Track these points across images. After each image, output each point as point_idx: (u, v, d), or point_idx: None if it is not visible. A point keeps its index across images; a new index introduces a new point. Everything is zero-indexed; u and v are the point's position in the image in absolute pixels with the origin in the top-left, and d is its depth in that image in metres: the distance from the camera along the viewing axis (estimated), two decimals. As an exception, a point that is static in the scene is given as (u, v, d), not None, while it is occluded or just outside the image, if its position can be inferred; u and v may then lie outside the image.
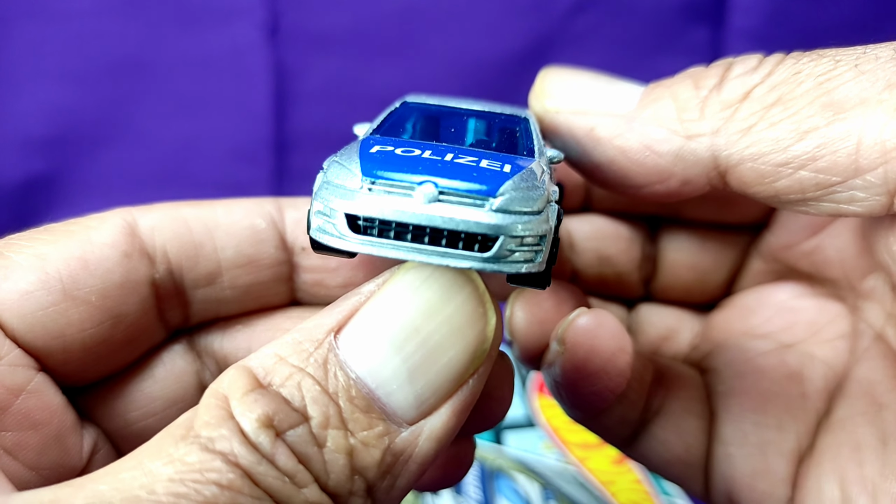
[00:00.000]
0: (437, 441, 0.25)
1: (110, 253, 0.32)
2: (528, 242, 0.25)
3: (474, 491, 0.66)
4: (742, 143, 0.31)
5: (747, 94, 0.31)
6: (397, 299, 0.25)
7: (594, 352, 0.35)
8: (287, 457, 0.23)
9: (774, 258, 0.43)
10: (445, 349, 0.25)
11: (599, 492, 0.67)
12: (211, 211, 0.35)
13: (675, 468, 0.39)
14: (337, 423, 0.24)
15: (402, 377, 0.25)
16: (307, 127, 0.93)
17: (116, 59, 0.89)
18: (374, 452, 0.24)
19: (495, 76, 0.91)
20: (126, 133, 0.91)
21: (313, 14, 0.89)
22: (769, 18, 0.90)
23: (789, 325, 0.41)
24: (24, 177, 0.90)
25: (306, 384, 0.24)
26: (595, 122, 0.35)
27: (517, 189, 0.26)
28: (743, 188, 0.32)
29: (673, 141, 0.33)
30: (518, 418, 0.75)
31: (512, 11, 0.90)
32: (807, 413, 0.38)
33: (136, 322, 0.33)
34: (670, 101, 0.33)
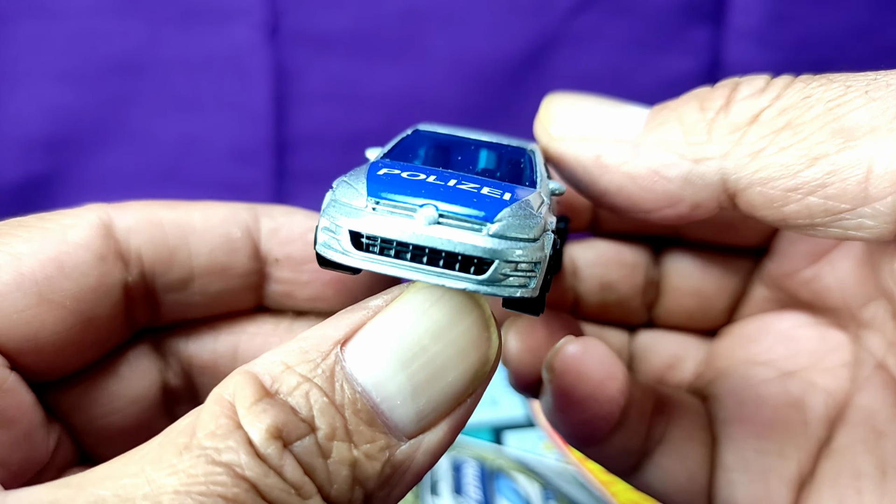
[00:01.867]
0: (432, 455, 0.26)
1: (85, 255, 0.32)
2: (523, 268, 0.26)
3: (474, 491, 0.66)
4: (751, 167, 0.31)
5: (755, 117, 0.31)
6: (406, 317, 0.26)
7: (581, 379, 0.36)
8: (294, 468, 0.23)
9: (777, 285, 0.43)
10: (449, 370, 0.26)
11: (599, 492, 0.67)
12: (187, 215, 0.36)
13: (678, 497, 0.39)
14: (342, 435, 0.24)
15: (406, 393, 0.25)
16: (307, 127, 0.93)
17: (116, 59, 0.89)
18: (376, 465, 0.24)
19: (496, 77, 0.91)
20: (125, 133, 0.91)
21: (313, 14, 0.89)
22: (769, 18, 0.90)
23: (791, 353, 0.42)
24: (23, 177, 0.90)
25: (314, 395, 0.24)
26: (601, 148, 0.35)
27: (514, 216, 0.27)
28: (751, 211, 0.32)
29: (681, 165, 0.32)
30: (518, 418, 0.75)
31: (513, 12, 0.90)
32: (808, 440, 0.38)
33: (106, 324, 0.34)
34: (676, 125, 0.33)
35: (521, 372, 0.39)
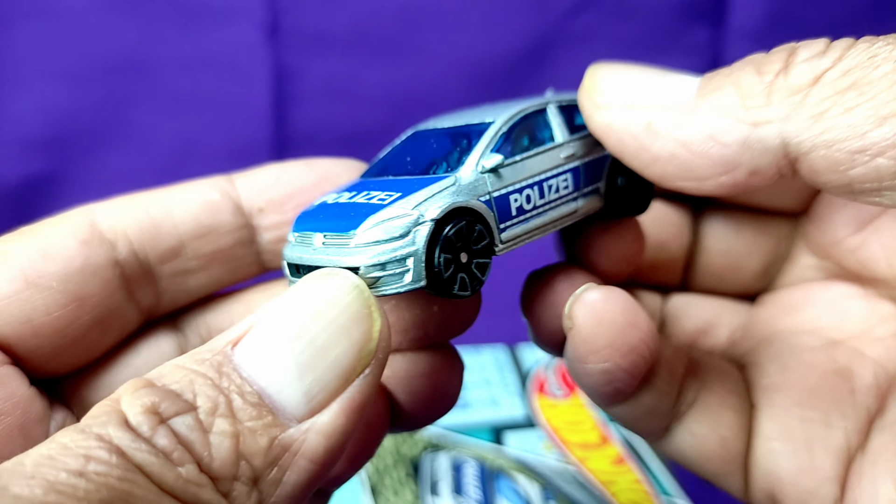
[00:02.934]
0: (325, 437, 0.26)
1: (69, 242, 0.34)
2: (392, 266, 0.30)
3: (474, 491, 0.66)
4: (815, 129, 0.29)
5: (818, 78, 0.30)
6: (288, 305, 0.28)
7: (602, 326, 0.35)
8: (166, 438, 0.24)
9: (823, 253, 0.43)
10: (333, 347, 0.27)
11: (599, 492, 0.67)
12: (166, 193, 0.37)
13: (711, 464, 0.38)
14: (225, 411, 0.25)
15: (292, 373, 0.26)
16: (307, 126, 0.93)
17: (116, 59, 0.89)
18: (262, 440, 0.25)
19: (495, 76, 0.91)
20: (125, 132, 0.91)
21: (313, 14, 0.89)
22: (769, 18, 0.90)
23: (838, 322, 0.41)
24: (22, 176, 0.90)
25: (199, 381, 0.26)
26: (652, 115, 0.33)
27: (378, 222, 0.31)
28: (813, 177, 0.31)
29: (739, 129, 0.31)
30: (518, 418, 0.75)
31: (512, 11, 0.90)
32: (856, 410, 0.37)
33: (103, 303, 0.34)
34: (732, 89, 0.32)
35: (539, 325, 0.38)
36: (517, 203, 0.34)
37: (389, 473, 0.68)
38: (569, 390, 0.79)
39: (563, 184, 0.36)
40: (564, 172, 0.36)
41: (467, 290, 0.32)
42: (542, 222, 0.35)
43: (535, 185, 0.35)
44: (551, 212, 0.35)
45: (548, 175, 0.35)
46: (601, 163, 0.37)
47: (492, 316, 0.98)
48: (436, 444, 0.72)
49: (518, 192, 0.34)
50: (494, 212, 0.33)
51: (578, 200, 0.37)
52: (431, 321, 0.35)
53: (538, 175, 0.35)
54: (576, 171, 0.36)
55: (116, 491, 0.22)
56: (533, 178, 0.35)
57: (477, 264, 0.33)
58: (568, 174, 0.36)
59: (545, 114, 0.37)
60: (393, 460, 0.70)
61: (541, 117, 0.37)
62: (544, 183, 0.35)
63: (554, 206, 0.36)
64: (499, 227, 0.34)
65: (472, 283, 0.32)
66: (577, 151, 0.37)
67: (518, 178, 0.34)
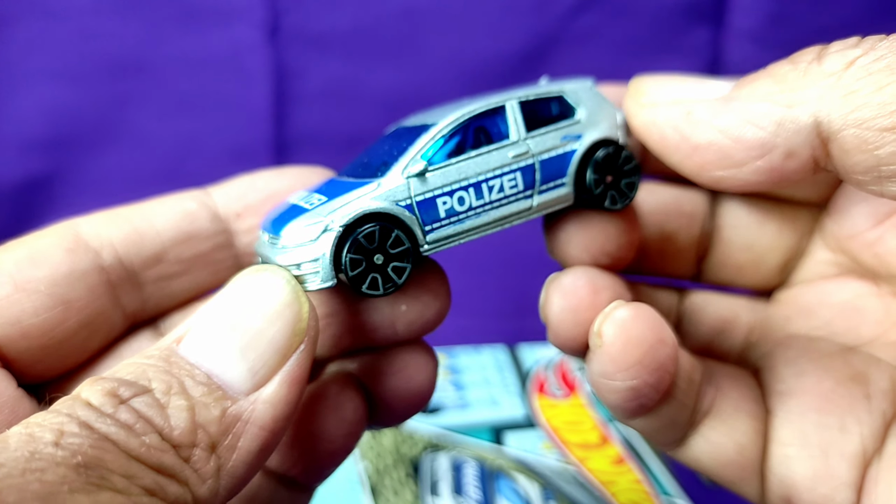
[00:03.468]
0: (272, 405, 0.30)
1: (55, 250, 0.35)
2: (306, 267, 0.34)
3: (474, 491, 0.66)
4: (846, 106, 0.30)
5: (851, 62, 0.31)
6: (223, 299, 0.31)
7: (631, 344, 0.35)
8: (128, 413, 0.27)
9: (839, 247, 0.43)
10: (268, 327, 0.30)
11: (599, 492, 0.67)
12: (146, 205, 0.39)
13: (727, 471, 0.38)
14: (178, 390, 0.28)
15: (235, 355, 0.30)
16: (307, 127, 0.93)
17: (116, 59, 0.89)
18: (214, 410, 0.28)
19: (495, 76, 0.91)
20: (125, 133, 0.91)
21: (313, 14, 0.89)
22: (769, 19, 0.90)
23: (853, 325, 0.41)
24: (23, 177, 0.90)
25: (151, 370, 0.29)
26: (692, 107, 0.35)
27: (296, 227, 0.34)
28: (844, 158, 0.31)
29: (774, 112, 0.32)
30: (518, 418, 0.76)
31: (512, 12, 0.90)
32: (872, 415, 0.37)
33: (89, 306, 0.36)
34: (768, 79, 0.33)
35: (562, 332, 0.38)
36: (447, 206, 0.35)
37: (389, 473, 0.69)
38: (569, 390, 0.79)
39: (509, 183, 0.37)
40: (512, 171, 0.37)
41: (378, 290, 0.34)
42: (481, 222, 0.36)
43: (471, 186, 0.36)
44: (494, 211, 0.36)
45: (488, 176, 0.36)
46: (564, 159, 0.38)
47: (492, 316, 0.98)
48: (436, 445, 0.72)
49: (448, 195, 0.35)
50: (417, 215, 0.35)
51: (534, 198, 0.37)
52: (400, 320, 0.36)
53: (475, 177, 0.36)
54: (528, 169, 0.37)
55: (89, 457, 0.25)
56: (467, 180, 0.36)
57: (394, 267, 0.35)
58: (516, 173, 0.37)
59: (503, 112, 0.38)
60: (393, 460, 0.70)
61: (498, 116, 0.37)
62: (484, 184, 0.36)
63: (497, 205, 0.36)
64: (424, 230, 0.35)
65: (385, 283, 0.34)
66: (534, 148, 0.37)
67: (448, 182, 0.35)
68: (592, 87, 0.40)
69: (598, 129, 0.38)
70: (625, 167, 0.38)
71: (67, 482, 0.24)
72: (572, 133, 0.38)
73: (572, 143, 0.38)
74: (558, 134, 0.38)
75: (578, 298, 0.37)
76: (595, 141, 0.38)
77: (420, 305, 0.37)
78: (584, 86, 0.39)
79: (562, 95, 0.39)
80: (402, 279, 0.35)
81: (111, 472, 0.25)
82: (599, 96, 0.39)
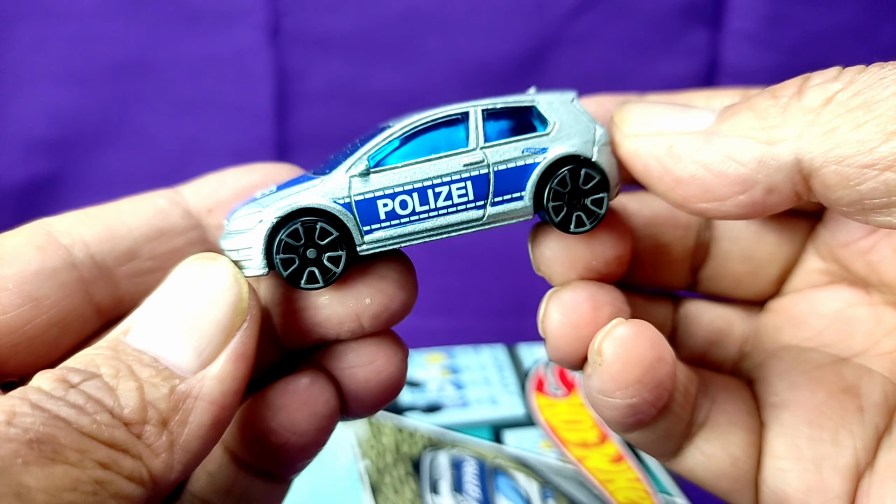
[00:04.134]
0: (219, 381, 0.31)
1: (24, 248, 0.36)
2: (243, 253, 0.35)
3: (473, 489, 0.67)
4: (826, 144, 0.31)
5: (829, 98, 0.31)
6: (168, 285, 0.33)
7: (632, 362, 0.35)
8: (78, 396, 0.28)
9: (831, 256, 0.43)
10: (210, 309, 0.32)
11: (598, 490, 0.67)
12: (116, 204, 0.40)
13: (721, 483, 0.39)
14: (127, 373, 0.30)
15: (180, 336, 0.31)
16: (308, 128, 0.93)
17: (119, 61, 0.89)
18: (163, 388, 0.30)
19: (494, 78, 0.92)
20: (128, 134, 0.91)
21: (314, 16, 0.90)
22: (767, 21, 0.90)
23: (845, 336, 0.41)
24: (27, 177, 0.90)
25: (98, 358, 0.30)
26: (674, 140, 0.35)
27: (239, 215, 0.36)
28: (826, 193, 0.32)
29: (755, 148, 0.32)
30: (517, 417, 0.76)
31: (512, 14, 0.90)
32: (865, 428, 0.37)
33: (60, 303, 0.36)
34: (749, 113, 0.33)
35: (561, 347, 0.38)
36: (387, 207, 0.36)
37: (389, 472, 0.69)
38: (567, 389, 0.79)
39: (458, 191, 0.36)
40: (462, 180, 0.36)
41: (318, 283, 0.35)
42: (424, 227, 0.36)
43: (415, 191, 0.36)
44: (439, 218, 0.36)
45: (435, 182, 0.36)
46: (524, 171, 0.37)
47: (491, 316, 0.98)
48: (436, 443, 0.72)
49: (389, 198, 0.36)
50: (355, 214, 0.35)
51: (486, 209, 0.36)
52: (365, 313, 0.37)
53: (421, 182, 0.36)
54: (481, 179, 0.36)
55: (41, 433, 0.26)
56: (412, 184, 0.36)
57: (329, 257, 0.35)
58: (467, 182, 0.36)
59: (466, 118, 0.37)
60: (393, 459, 0.70)
61: (461, 122, 0.37)
62: (430, 190, 0.36)
63: (443, 212, 0.36)
64: (361, 230, 0.35)
65: (324, 275, 0.35)
66: (490, 158, 0.36)
67: (391, 184, 0.35)
68: (573, 101, 0.38)
69: (566, 144, 0.37)
70: (588, 184, 0.37)
71: (21, 456, 0.25)
72: (536, 146, 0.37)
73: (535, 156, 0.37)
74: (521, 145, 0.37)
75: (579, 314, 0.37)
76: (560, 156, 0.37)
77: (385, 298, 0.37)
78: (563, 98, 0.38)
79: (534, 106, 0.38)
80: (339, 267, 0.35)
81: (64, 447, 0.26)
82: (577, 110, 0.38)
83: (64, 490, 0.25)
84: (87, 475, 0.26)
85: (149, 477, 0.28)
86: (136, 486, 0.28)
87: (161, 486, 0.29)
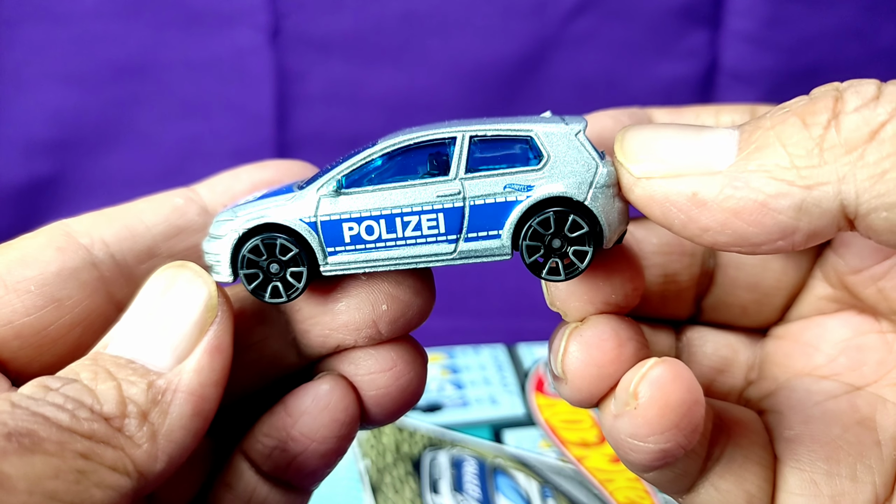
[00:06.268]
0: (196, 373, 0.32)
1: (45, 249, 0.36)
2: (211, 259, 0.36)
3: (473, 489, 0.67)
4: (875, 190, 0.28)
5: (874, 133, 0.28)
6: (140, 296, 0.34)
7: (669, 407, 0.33)
8: (57, 396, 0.29)
9: (840, 282, 0.41)
10: (181, 308, 0.33)
11: (598, 489, 0.67)
12: (133, 204, 0.40)
13: None
14: (105, 375, 0.31)
15: (154, 336, 0.32)
16: (309, 130, 0.93)
17: (120, 62, 0.89)
18: (140, 384, 0.31)
19: (494, 79, 0.92)
20: (129, 135, 0.92)
21: (315, 18, 0.90)
22: (766, 22, 0.91)
23: (857, 364, 0.40)
24: (28, 179, 0.90)
25: (77, 367, 0.31)
26: (696, 184, 0.31)
27: (218, 219, 0.36)
28: (872, 236, 0.29)
29: (792, 194, 0.29)
30: (517, 417, 0.76)
31: (511, 15, 0.90)
32: (883, 463, 0.36)
33: (82, 303, 0.36)
34: (779, 147, 0.29)
35: (585, 388, 0.36)
36: (353, 231, 0.35)
37: (390, 471, 0.69)
38: (567, 389, 0.79)
39: (428, 223, 0.34)
40: (434, 211, 0.34)
41: (281, 297, 0.35)
42: (391, 256, 0.35)
43: (383, 218, 0.35)
44: (407, 248, 0.35)
45: (405, 211, 0.34)
46: (503, 209, 0.34)
47: (491, 316, 0.98)
48: (436, 443, 0.72)
49: (355, 222, 0.35)
50: (319, 235, 0.35)
51: (458, 244, 0.35)
52: (382, 319, 0.36)
53: (390, 209, 0.34)
54: (454, 212, 0.34)
55: (21, 428, 0.27)
56: (380, 210, 0.34)
57: (292, 273, 0.35)
58: (439, 213, 0.34)
59: (451, 145, 0.35)
60: (393, 458, 0.70)
61: (445, 148, 0.35)
62: (398, 218, 0.34)
63: (411, 243, 0.35)
64: (325, 250, 0.35)
65: (287, 290, 0.35)
66: (468, 191, 0.34)
67: (358, 208, 0.35)
68: (578, 133, 0.34)
69: (556, 184, 0.34)
70: (574, 233, 0.34)
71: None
72: (521, 182, 0.34)
73: (517, 194, 0.34)
74: (504, 180, 0.34)
75: (603, 352, 0.35)
76: (546, 197, 0.34)
77: (401, 305, 0.37)
78: (567, 129, 0.34)
79: (530, 137, 0.34)
80: (301, 283, 0.35)
81: (43, 439, 0.27)
82: (579, 144, 0.34)
83: (45, 478, 0.26)
84: (67, 465, 0.27)
85: (133, 467, 0.29)
86: (120, 475, 0.29)
87: (148, 476, 0.30)
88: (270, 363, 0.39)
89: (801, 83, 0.94)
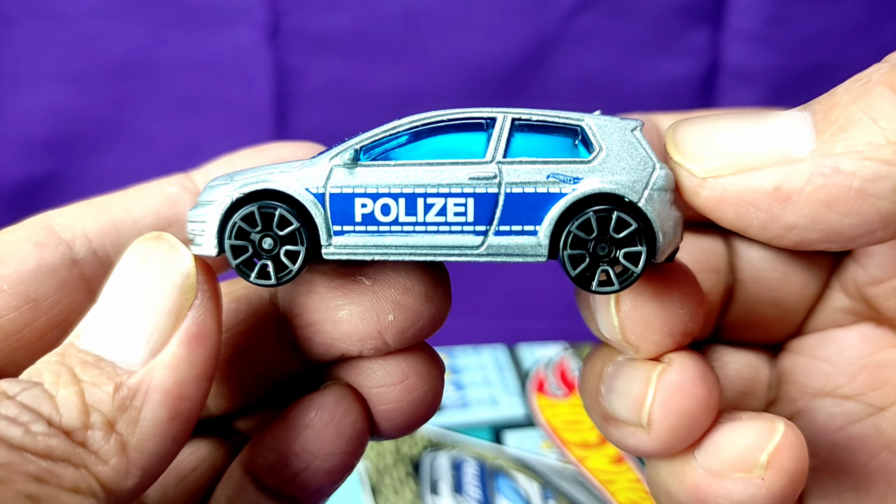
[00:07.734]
0: (172, 368, 0.28)
1: (22, 245, 0.34)
2: (195, 228, 0.31)
3: (474, 490, 0.67)
4: None
5: None
6: (111, 278, 0.30)
7: (796, 479, 0.30)
8: (11, 407, 0.26)
9: (859, 294, 0.39)
10: (152, 291, 0.29)
11: (598, 491, 0.67)
12: (123, 194, 0.38)
13: None
14: (68, 378, 0.27)
15: (124, 327, 0.28)
16: (308, 128, 0.93)
17: (118, 61, 0.89)
18: (106, 388, 0.27)
19: (495, 77, 0.92)
20: (128, 134, 0.91)
21: (314, 15, 0.90)
22: (768, 20, 0.90)
23: (879, 383, 0.38)
24: (26, 177, 0.90)
25: (43, 366, 0.28)
26: (776, 177, 0.27)
27: (208, 186, 0.32)
28: None
29: (893, 175, 0.25)
30: (518, 418, 0.76)
31: (512, 13, 0.90)
32: None
33: (61, 303, 0.34)
34: (868, 123, 0.26)
35: (675, 439, 0.32)
36: (366, 209, 0.30)
37: (389, 473, 0.69)
38: (568, 390, 0.79)
39: (456, 207, 0.30)
40: (464, 195, 0.30)
41: (269, 279, 0.30)
42: (406, 242, 0.30)
43: (403, 196, 0.30)
44: (427, 236, 0.30)
45: (430, 191, 0.30)
46: (544, 200, 0.30)
47: (492, 316, 0.98)
48: (436, 444, 0.72)
49: (370, 198, 0.30)
50: (326, 210, 0.30)
51: (487, 236, 0.30)
52: (388, 330, 0.33)
53: (413, 187, 0.30)
54: (486, 199, 0.30)
55: None
56: (401, 187, 0.30)
57: (287, 252, 0.31)
58: (469, 198, 0.30)
59: (491, 126, 0.31)
60: (393, 460, 0.70)
61: (485, 130, 0.31)
62: (420, 198, 0.30)
63: (432, 230, 0.30)
64: (331, 228, 0.30)
65: (278, 272, 0.30)
66: (506, 177, 0.30)
67: (376, 183, 0.30)
68: (634, 129, 0.31)
69: (609, 179, 0.30)
70: (621, 233, 0.29)
71: None
72: (568, 173, 0.30)
73: (562, 185, 0.30)
74: (547, 168, 0.30)
75: (696, 400, 0.31)
76: (594, 192, 0.29)
77: (409, 314, 0.33)
78: (622, 124, 0.31)
79: (581, 127, 0.31)
80: (296, 265, 0.30)
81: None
82: (634, 141, 0.30)
83: None
84: (14, 492, 0.23)
85: (98, 486, 0.26)
86: (82, 497, 0.25)
87: (120, 495, 0.26)
88: (270, 368, 0.36)
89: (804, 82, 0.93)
